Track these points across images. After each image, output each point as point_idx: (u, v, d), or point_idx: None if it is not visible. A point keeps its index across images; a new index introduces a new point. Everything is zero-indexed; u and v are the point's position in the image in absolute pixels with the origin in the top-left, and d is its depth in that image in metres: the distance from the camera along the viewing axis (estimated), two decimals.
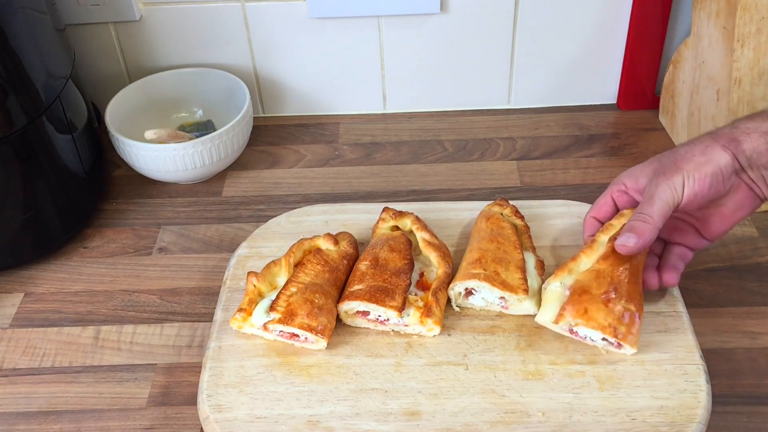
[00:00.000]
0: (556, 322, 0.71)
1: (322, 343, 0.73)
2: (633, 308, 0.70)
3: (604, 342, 0.71)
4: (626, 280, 0.71)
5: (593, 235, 0.76)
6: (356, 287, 0.76)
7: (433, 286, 0.76)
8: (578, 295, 0.71)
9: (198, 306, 0.86)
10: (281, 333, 0.74)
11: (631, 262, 0.72)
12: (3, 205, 0.86)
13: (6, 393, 0.77)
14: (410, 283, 0.76)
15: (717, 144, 0.70)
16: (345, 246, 0.81)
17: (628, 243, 0.70)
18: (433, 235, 0.82)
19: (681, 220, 0.77)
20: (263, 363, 0.73)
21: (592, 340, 0.72)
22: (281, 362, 0.73)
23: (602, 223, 0.77)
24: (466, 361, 0.73)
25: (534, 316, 0.75)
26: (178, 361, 0.80)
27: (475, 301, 0.77)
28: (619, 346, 0.71)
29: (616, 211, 0.77)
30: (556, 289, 0.74)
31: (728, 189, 0.71)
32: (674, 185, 0.70)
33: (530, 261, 0.79)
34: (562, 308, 0.71)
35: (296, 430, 0.68)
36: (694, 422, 0.67)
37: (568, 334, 0.73)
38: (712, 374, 0.72)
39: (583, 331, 0.71)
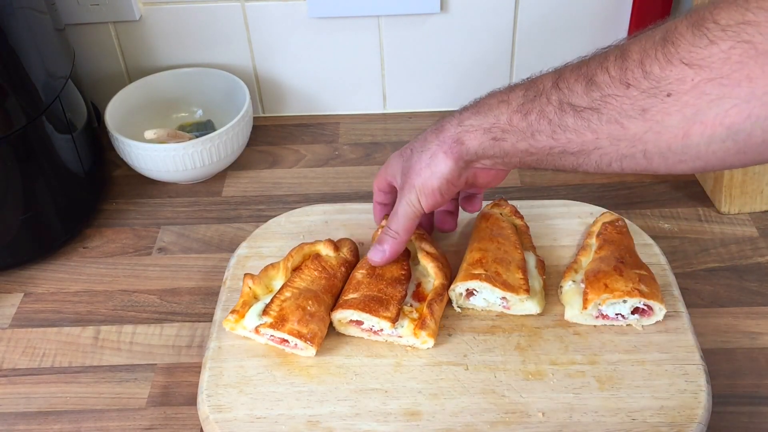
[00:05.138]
0: (585, 307, 0.74)
1: (311, 350, 0.73)
2: (644, 272, 0.74)
3: (636, 316, 0.74)
4: (627, 254, 0.77)
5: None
6: (351, 296, 0.75)
7: (428, 298, 0.75)
8: (593, 278, 0.74)
9: (198, 306, 0.86)
10: (272, 337, 0.73)
11: (622, 243, 0.79)
12: (3, 205, 0.86)
13: (5, 393, 0.77)
14: (406, 294, 0.75)
15: (440, 150, 0.70)
16: (345, 253, 0.80)
17: (375, 258, 0.76)
18: (432, 244, 0.80)
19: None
20: (263, 363, 0.73)
21: (624, 318, 0.74)
22: (281, 362, 0.73)
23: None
24: (466, 361, 0.73)
25: (535, 315, 0.75)
26: (178, 361, 0.80)
27: (476, 302, 0.76)
28: (649, 311, 0.73)
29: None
30: (571, 286, 0.77)
31: (464, 181, 0.72)
32: (411, 201, 0.72)
33: (531, 261, 0.79)
34: (585, 293, 0.74)
35: (296, 430, 0.68)
36: (694, 422, 0.66)
37: (600, 321, 0.75)
38: (713, 374, 0.72)
39: (611, 308, 0.73)
